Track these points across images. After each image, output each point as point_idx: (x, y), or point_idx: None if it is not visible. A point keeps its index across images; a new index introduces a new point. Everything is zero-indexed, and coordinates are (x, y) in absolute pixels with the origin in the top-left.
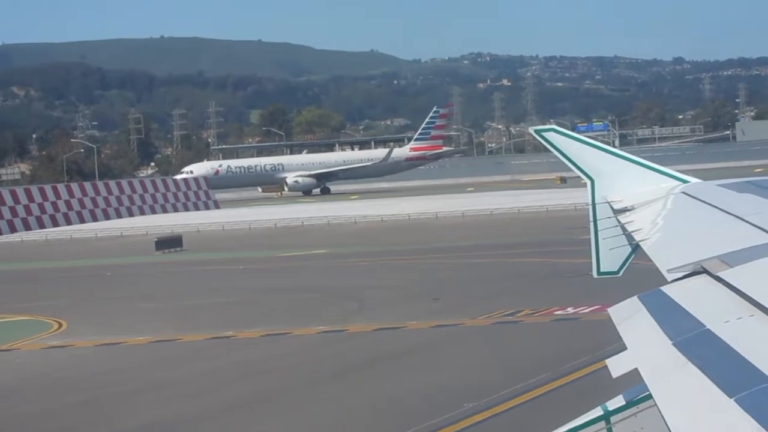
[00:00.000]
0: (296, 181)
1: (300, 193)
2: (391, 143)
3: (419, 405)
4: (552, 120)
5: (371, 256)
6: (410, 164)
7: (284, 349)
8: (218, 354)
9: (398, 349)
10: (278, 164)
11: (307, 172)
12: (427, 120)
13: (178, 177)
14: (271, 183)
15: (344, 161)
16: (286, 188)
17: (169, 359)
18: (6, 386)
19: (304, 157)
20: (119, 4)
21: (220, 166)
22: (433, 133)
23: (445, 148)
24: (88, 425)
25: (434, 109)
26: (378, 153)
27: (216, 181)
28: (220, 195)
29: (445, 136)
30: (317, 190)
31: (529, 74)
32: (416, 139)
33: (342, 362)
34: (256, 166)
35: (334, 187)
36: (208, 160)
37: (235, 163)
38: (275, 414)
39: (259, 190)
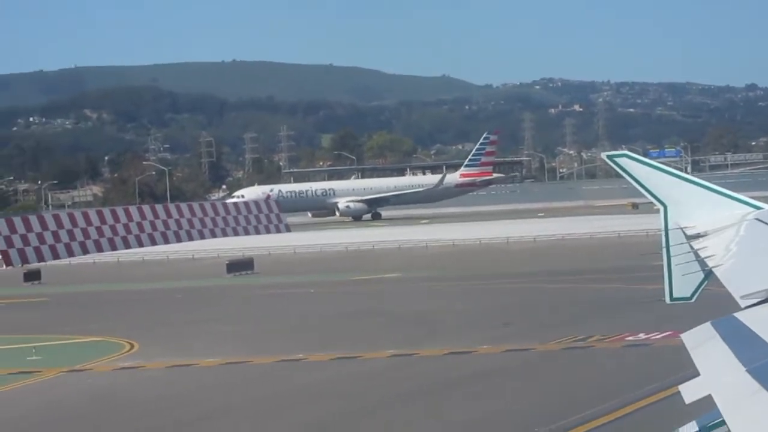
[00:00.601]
0: (348, 206)
1: (350, 219)
2: (444, 169)
3: (490, 429)
4: (624, 146)
5: (442, 280)
6: (460, 191)
7: (354, 373)
8: (288, 377)
9: (469, 373)
10: (329, 189)
11: (359, 198)
12: (476, 146)
13: (229, 201)
14: (322, 208)
15: (395, 187)
16: (337, 213)
17: (238, 382)
18: (75, 407)
19: (356, 183)
20: (191, 28)
21: (271, 190)
22: (483, 159)
23: (495, 175)
24: None
25: (484, 135)
26: (430, 179)
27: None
28: None
29: (495, 163)
30: (368, 216)
31: (600, 100)
32: (466, 166)
33: (412, 386)
34: (307, 191)
35: (398, 212)
36: (279, 182)
37: (286, 188)
38: None
39: (309, 215)
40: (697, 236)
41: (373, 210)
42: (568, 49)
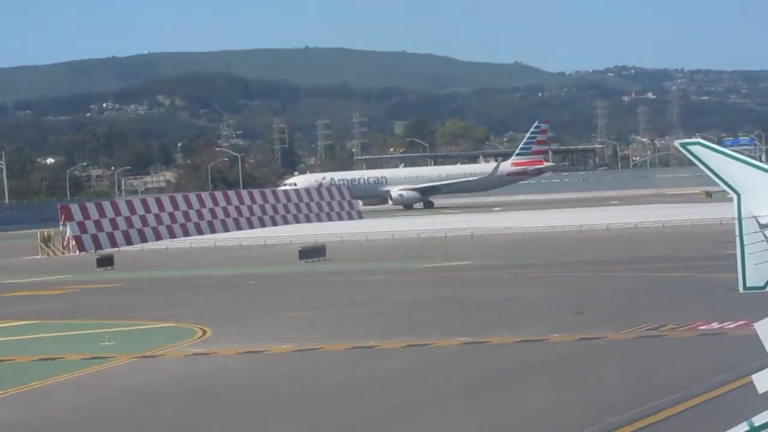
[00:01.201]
0: (401, 195)
1: (401, 207)
2: (499, 158)
3: (562, 417)
4: (698, 134)
5: (514, 268)
6: (512, 179)
7: (427, 360)
8: (361, 364)
9: (541, 361)
10: (382, 177)
11: (411, 186)
12: (528, 135)
13: (280, 188)
14: (375, 196)
15: (447, 175)
16: (390, 201)
17: (312, 369)
18: (149, 393)
19: (407, 171)
20: (263, 14)
21: (323, 178)
22: (534, 147)
23: (546, 163)
24: None
25: (535, 124)
26: (481, 168)
27: None
28: None
29: (546, 151)
30: (420, 204)
31: (674, 87)
32: (518, 154)
33: (485, 374)
34: (359, 179)
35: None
36: (350, 169)
37: (338, 176)
38: (418, 425)
39: (360, 204)
40: None
41: (425, 198)
42: (642, 37)
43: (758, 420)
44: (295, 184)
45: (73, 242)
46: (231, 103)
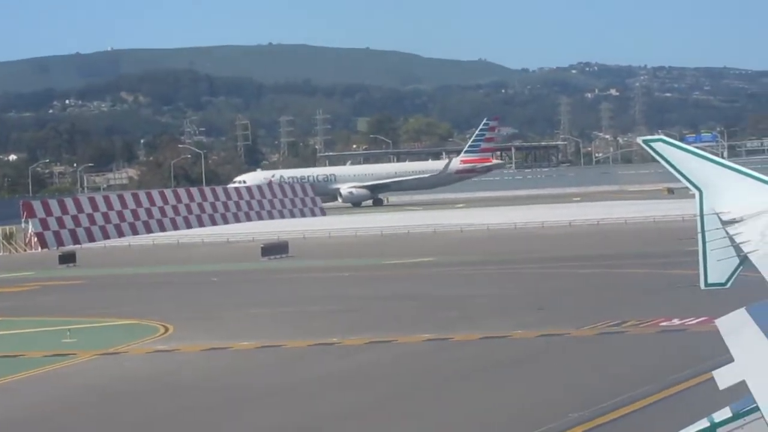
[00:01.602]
0: (350, 192)
1: (350, 204)
2: (451, 155)
3: (524, 414)
4: (660, 131)
5: (477, 264)
6: (461, 177)
7: (389, 357)
8: (323, 360)
9: (503, 358)
10: (331, 175)
11: (361, 184)
12: (476, 132)
13: (230, 186)
14: (324, 194)
15: (396, 173)
16: (339, 199)
17: (274, 365)
18: (112, 390)
19: (357, 168)
20: (227, 11)
21: (273, 176)
22: (483, 145)
23: (494, 161)
24: (192, 430)
25: (483, 121)
26: (430, 165)
27: None
28: None
29: (494, 149)
30: (368, 202)
31: (637, 84)
32: (466, 152)
33: (447, 370)
34: (309, 176)
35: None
36: (313, 166)
37: (288, 174)
38: (379, 422)
39: None
40: (733, 221)
41: (374, 196)
42: (605, 33)
43: (718, 416)
44: (244, 182)
45: (35, 239)
46: (194, 99)
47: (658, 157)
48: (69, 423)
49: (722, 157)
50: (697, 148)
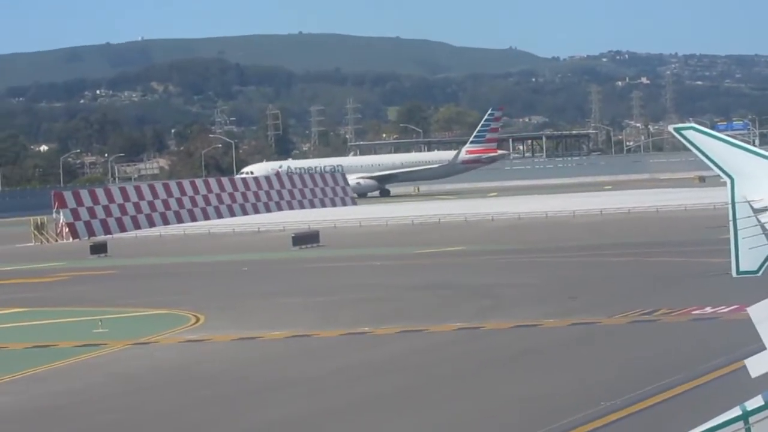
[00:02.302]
0: (358, 183)
1: (356, 195)
2: (460, 146)
3: (556, 402)
4: (691, 119)
5: (508, 253)
6: (466, 167)
7: (420, 346)
8: (354, 350)
9: (535, 346)
10: (338, 166)
11: (368, 174)
12: (482, 123)
13: (237, 177)
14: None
15: (402, 163)
16: None
17: (305, 355)
18: (143, 379)
19: (364, 159)
20: (258, 1)
21: (281, 167)
22: (488, 136)
23: (500, 152)
24: (220, 420)
25: (489, 111)
26: (437, 156)
27: None
28: None
29: (499, 139)
30: (375, 193)
31: (668, 72)
32: (472, 142)
33: (479, 359)
34: (316, 167)
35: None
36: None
37: (295, 164)
38: (410, 411)
39: None
40: (765, 209)
41: (382, 186)
42: (636, 22)
43: (751, 404)
44: (252, 173)
45: (67, 229)
46: (225, 89)
47: (689, 145)
48: (97, 412)
49: (754, 145)
50: (728, 136)
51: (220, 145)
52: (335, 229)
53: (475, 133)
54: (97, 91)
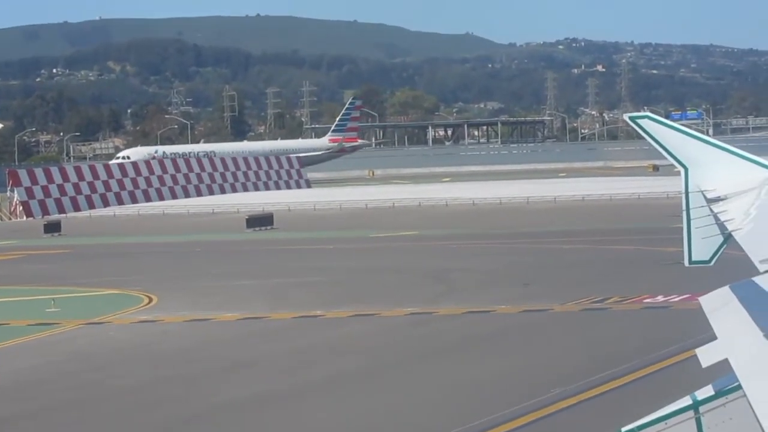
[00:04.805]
0: None
1: None
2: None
3: (507, 389)
4: (646, 107)
5: (462, 238)
6: (329, 155)
7: (372, 330)
8: (307, 333)
9: (487, 332)
10: (211, 151)
11: None
12: (343, 112)
13: (112, 162)
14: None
15: (271, 150)
16: None
17: (257, 337)
18: (99, 358)
19: (239, 146)
20: None
21: (156, 152)
22: (350, 125)
23: (360, 141)
24: (178, 399)
25: (349, 101)
26: (308, 143)
27: None
28: None
29: (360, 129)
30: None
31: (623, 61)
32: (334, 131)
33: (430, 344)
34: (190, 152)
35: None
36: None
37: (170, 150)
38: (362, 393)
39: None
40: (718, 199)
41: None
42: (592, 9)
43: (701, 394)
44: (128, 157)
45: (21, 208)
46: (182, 70)
47: (644, 134)
48: (54, 390)
49: (707, 135)
50: (682, 125)
51: (176, 126)
52: (289, 212)
53: (336, 122)
54: (54, 70)
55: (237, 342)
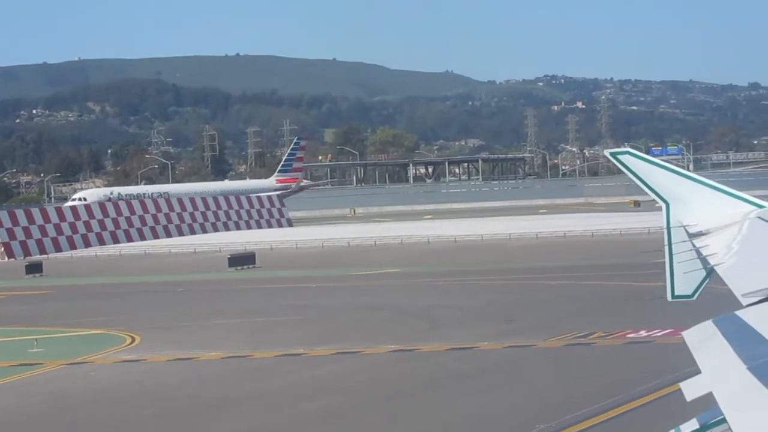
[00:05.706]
0: None
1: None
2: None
3: (491, 425)
4: (626, 143)
5: (444, 276)
6: (285, 195)
7: (355, 368)
8: (289, 371)
9: (470, 369)
10: (164, 192)
11: None
12: (288, 152)
13: (68, 204)
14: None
15: (222, 191)
16: None
17: (240, 375)
18: (80, 398)
19: (189, 186)
20: (195, 22)
21: (111, 193)
22: (295, 165)
23: (305, 181)
24: None
25: (294, 140)
26: (260, 183)
27: None
28: None
29: (303, 168)
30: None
31: (603, 97)
32: (280, 171)
33: (413, 381)
34: (144, 193)
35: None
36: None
37: (125, 191)
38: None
39: None
40: (699, 234)
41: None
42: (572, 46)
43: (686, 428)
44: (84, 199)
45: (2, 249)
46: (162, 110)
47: (624, 170)
48: (38, 429)
49: (688, 170)
50: (663, 161)
51: (156, 166)
52: (271, 251)
53: (282, 163)
54: (34, 111)
55: (220, 380)
